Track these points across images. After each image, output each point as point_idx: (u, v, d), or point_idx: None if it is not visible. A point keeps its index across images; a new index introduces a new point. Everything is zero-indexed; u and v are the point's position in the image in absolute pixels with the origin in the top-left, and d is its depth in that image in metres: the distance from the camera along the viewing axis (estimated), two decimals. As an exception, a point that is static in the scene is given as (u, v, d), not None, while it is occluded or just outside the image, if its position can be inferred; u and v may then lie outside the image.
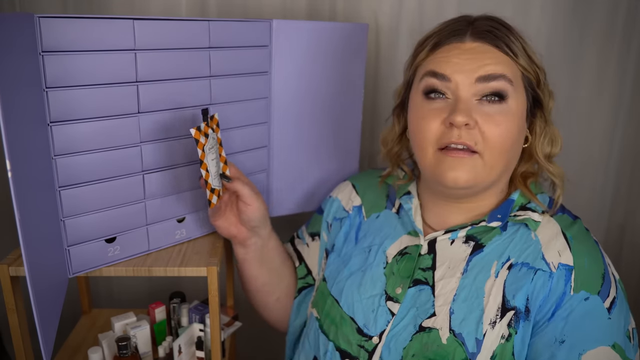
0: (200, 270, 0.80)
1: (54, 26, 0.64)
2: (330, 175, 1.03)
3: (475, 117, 0.65)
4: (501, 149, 0.66)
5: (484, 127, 0.65)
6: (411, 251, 0.74)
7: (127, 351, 0.91)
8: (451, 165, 0.66)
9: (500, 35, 0.67)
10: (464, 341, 0.65)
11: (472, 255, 0.70)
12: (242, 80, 0.86)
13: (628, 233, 1.30)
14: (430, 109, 0.68)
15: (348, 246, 0.83)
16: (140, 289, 1.34)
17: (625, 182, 1.26)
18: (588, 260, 0.66)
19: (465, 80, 0.66)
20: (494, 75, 0.65)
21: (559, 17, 1.14)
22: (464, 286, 0.68)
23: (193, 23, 0.77)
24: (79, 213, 0.73)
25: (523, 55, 0.68)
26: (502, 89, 0.66)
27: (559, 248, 0.67)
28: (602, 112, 1.21)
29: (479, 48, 0.67)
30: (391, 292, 0.73)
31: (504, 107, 0.66)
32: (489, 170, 0.67)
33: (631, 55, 1.17)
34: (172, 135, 0.80)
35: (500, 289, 0.67)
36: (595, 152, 1.24)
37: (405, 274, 0.73)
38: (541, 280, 0.65)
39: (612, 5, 1.13)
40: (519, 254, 0.68)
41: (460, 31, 0.68)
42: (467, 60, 0.66)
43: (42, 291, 0.63)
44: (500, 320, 0.65)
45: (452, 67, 0.66)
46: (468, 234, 0.72)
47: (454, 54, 0.67)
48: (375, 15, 1.16)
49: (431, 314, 0.69)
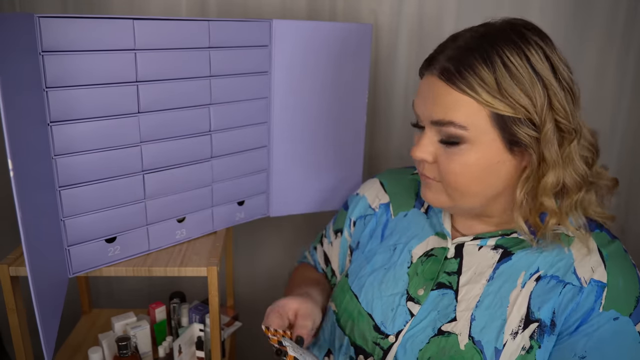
0: (200, 270, 0.80)
1: (54, 26, 0.64)
2: (331, 175, 1.03)
3: (437, 152, 0.66)
4: (456, 185, 0.66)
5: (440, 165, 0.66)
6: (437, 253, 0.73)
7: (127, 351, 0.91)
8: (423, 188, 0.71)
9: (464, 71, 0.60)
10: (482, 349, 0.64)
11: (499, 263, 0.68)
12: (242, 80, 0.86)
13: (628, 233, 1.30)
14: (416, 136, 0.71)
15: (373, 243, 0.82)
16: (140, 289, 1.34)
17: (625, 182, 1.26)
18: (623, 280, 0.63)
19: (425, 118, 0.66)
20: (441, 122, 0.63)
21: (559, 18, 1.14)
22: (488, 293, 0.67)
23: (193, 23, 0.77)
24: (79, 213, 0.73)
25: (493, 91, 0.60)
26: (453, 134, 0.62)
27: (592, 264, 0.64)
28: (602, 112, 1.21)
29: (437, 86, 0.63)
30: (413, 293, 0.72)
31: (463, 147, 0.63)
32: (454, 199, 0.67)
33: (631, 55, 1.17)
34: (172, 135, 0.80)
35: (526, 300, 0.65)
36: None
37: (429, 276, 0.72)
38: (570, 294, 0.63)
39: (612, 5, 1.13)
40: (549, 266, 0.66)
41: (435, 60, 0.65)
42: (428, 100, 0.65)
43: (43, 291, 0.64)
44: (523, 332, 0.63)
45: (417, 103, 0.68)
46: (497, 243, 0.70)
47: (423, 88, 0.67)
48: (375, 15, 1.16)
49: (452, 318, 0.67)
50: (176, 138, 0.80)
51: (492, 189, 0.66)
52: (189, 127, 0.81)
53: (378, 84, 1.22)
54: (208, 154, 0.85)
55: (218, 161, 0.87)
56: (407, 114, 1.22)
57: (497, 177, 0.65)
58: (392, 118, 1.24)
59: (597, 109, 1.21)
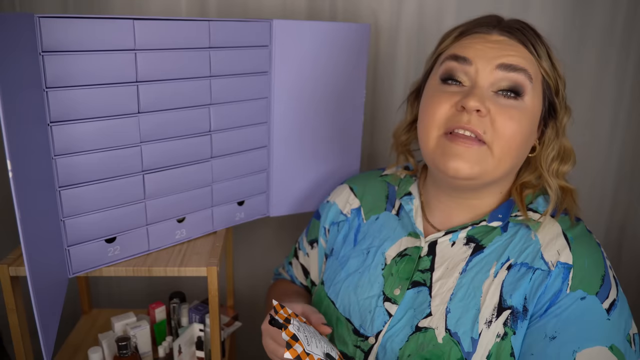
0: (200, 270, 0.80)
1: (54, 26, 0.64)
2: (331, 175, 1.03)
3: (489, 105, 0.63)
4: (511, 144, 0.64)
5: (496, 118, 0.63)
6: (411, 253, 0.74)
7: (127, 351, 0.91)
8: (456, 153, 0.64)
9: (528, 35, 0.67)
10: (459, 340, 0.65)
11: (472, 256, 0.70)
12: (242, 80, 0.86)
13: (628, 233, 1.30)
14: (444, 92, 0.67)
15: (346, 248, 0.82)
16: (140, 289, 1.34)
17: (626, 183, 1.27)
18: (588, 261, 0.65)
19: (486, 65, 0.64)
20: (515, 67, 0.64)
21: (559, 18, 1.14)
22: (461, 285, 0.68)
23: (193, 23, 0.77)
24: (79, 213, 0.73)
25: (547, 59, 0.67)
26: (521, 83, 0.64)
27: (558, 247, 0.66)
28: (602, 112, 1.21)
29: (505, 41, 0.66)
30: (389, 293, 0.72)
31: (520, 103, 0.65)
32: (497, 164, 0.65)
33: (631, 56, 1.17)
34: (172, 135, 0.80)
35: (498, 288, 0.66)
36: (595, 152, 1.24)
37: (405, 276, 0.72)
38: (539, 279, 0.65)
39: (612, 5, 1.13)
40: (518, 254, 0.68)
41: (488, 24, 0.68)
42: (490, 49, 0.65)
43: (43, 291, 0.64)
44: (496, 320, 0.65)
45: (474, 51, 0.66)
46: (469, 235, 0.72)
47: (478, 41, 0.67)
48: (375, 15, 1.16)
49: (427, 313, 0.68)
50: (176, 138, 0.80)
51: (523, 157, 0.70)
52: (189, 127, 0.81)
53: (378, 83, 1.22)
54: (208, 154, 0.85)
55: (218, 161, 0.87)
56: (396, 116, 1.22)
57: (527, 148, 0.69)
58: (392, 117, 1.24)
59: (597, 109, 1.21)
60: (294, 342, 0.60)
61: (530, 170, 0.73)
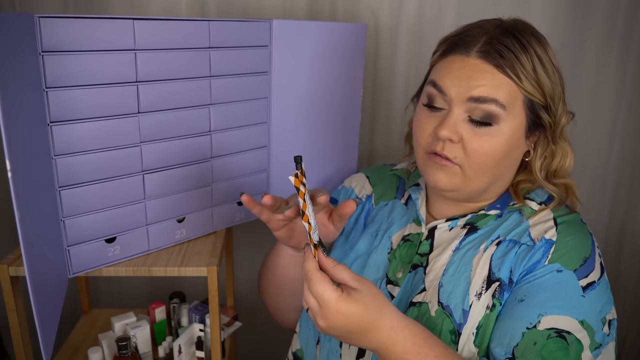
0: (200, 270, 0.80)
1: (54, 26, 0.64)
2: (330, 174, 1.03)
3: (462, 132, 0.67)
4: (481, 166, 0.69)
5: (467, 145, 0.68)
6: (413, 238, 0.78)
7: (127, 351, 0.91)
8: (436, 169, 0.71)
9: (507, 56, 0.66)
10: (451, 312, 0.68)
11: (466, 236, 0.74)
12: (242, 80, 0.86)
13: (628, 233, 1.30)
14: (427, 116, 0.72)
15: (356, 231, 0.87)
16: (140, 289, 1.34)
17: (626, 183, 1.26)
18: (573, 241, 0.68)
19: (459, 96, 0.67)
20: (484, 98, 0.66)
21: (559, 18, 1.14)
22: (453, 261, 0.72)
23: (193, 23, 0.77)
24: (79, 213, 0.73)
25: (530, 78, 0.67)
26: (492, 113, 0.66)
27: (545, 228, 0.70)
28: (602, 112, 1.21)
29: (480, 66, 0.67)
30: (392, 276, 0.76)
31: (495, 129, 0.67)
32: (469, 181, 0.70)
33: (631, 55, 1.17)
34: (172, 135, 0.80)
35: (487, 262, 0.69)
36: (595, 152, 1.24)
37: (407, 259, 0.76)
38: (524, 252, 0.68)
39: (612, 5, 1.13)
40: (507, 232, 0.71)
41: (470, 43, 0.68)
42: (463, 78, 0.67)
43: (42, 291, 0.64)
44: (486, 292, 0.68)
45: (450, 81, 0.68)
46: (467, 222, 0.75)
47: (455, 67, 0.68)
48: (375, 15, 1.16)
49: (421, 289, 0.72)
50: (176, 138, 0.80)
51: (506, 171, 0.72)
52: (189, 127, 0.81)
53: (378, 83, 1.22)
54: (208, 154, 0.85)
55: (218, 161, 0.87)
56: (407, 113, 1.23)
57: (512, 160, 0.71)
58: (392, 117, 1.24)
59: (597, 109, 1.21)
60: (299, 183, 0.65)
61: (526, 173, 0.76)
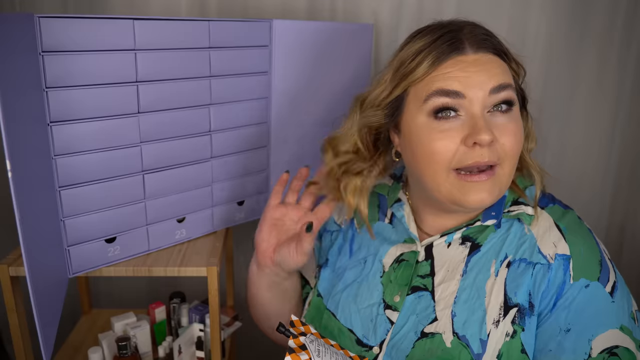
0: (200, 270, 0.80)
1: (54, 26, 0.64)
2: (330, 175, 1.03)
3: (493, 130, 0.63)
4: (516, 155, 0.66)
5: (503, 140, 0.64)
6: (408, 258, 0.73)
7: (127, 351, 0.91)
8: (476, 189, 0.64)
9: (494, 41, 0.66)
10: (468, 343, 0.65)
11: (470, 256, 0.70)
12: (242, 80, 0.86)
13: (628, 233, 1.30)
14: (442, 130, 0.64)
15: (342, 260, 0.81)
16: (140, 289, 1.34)
17: (625, 182, 1.26)
18: (584, 249, 0.66)
19: (479, 93, 0.63)
20: (504, 85, 0.64)
21: (559, 17, 1.14)
22: (464, 288, 0.68)
23: (193, 23, 0.77)
24: (79, 213, 0.73)
25: (511, 58, 0.68)
26: (510, 97, 0.65)
27: (553, 240, 0.67)
28: (602, 112, 1.21)
29: (483, 58, 0.64)
30: (389, 300, 0.71)
31: (512, 114, 0.65)
32: (508, 179, 0.66)
33: (631, 55, 1.17)
34: (172, 135, 0.80)
35: (502, 287, 0.66)
36: (595, 152, 1.24)
37: (404, 282, 0.72)
38: (540, 273, 0.65)
39: (612, 5, 1.13)
40: (515, 250, 0.68)
41: (457, 43, 0.65)
42: (476, 73, 0.63)
43: (42, 291, 0.64)
44: (504, 319, 0.65)
45: (462, 82, 0.63)
46: (464, 235, 0.72)
47: (460, 67, 0.63)
48: (375, 15, 1.16)
49: (433, 319, 0.68)
50: (176, 138, 0.80)
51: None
52: (189, 127, 0.81)
53: (378, 84, 1.21)
54: (208, 154, 0.85)
55: (218, 161, 0.87)
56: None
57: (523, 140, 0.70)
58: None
59: (597, 108, 1.21)
60: (299, 350, 0.57)
61: None
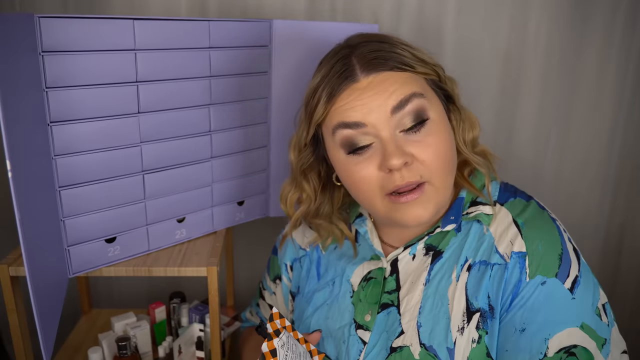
0: (200, 270, 0.80)
1: (54, 26, 0.64)
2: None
3: (409, 150, 0.62)
4: (443, 166, 0.64)
5: (422, 157, 0.62)
6: (376, 275, 0.72)
7: (127, 351, 0.91)
8: (408, 207, 0.63)
9: (387, 55, 0.63)
10: (436, 353, 0.64)
11: (432, 264, 0.68)
12: (242, 80, 0.86)
13: (628, 234, 1.30)
14: (358, 163, 0.64)
15: (311, 284, 0.80)
16: (140, 289, 1.34)
17: (625, 182, 1.26)
18: (542, 243, 0.63)
19: (381, 117, 0.61)
20: (405, 99, 0.62)
21: (559, 18, 1.14)
22: (427, 296, 0.67)
23: (193, 23, 0.77)
24: (79, 213, 0.73)
25: (417, 61, 0.64)
26: (419, 108, 0.62)
27: (510, 237, 0.65)
28: (602, 112, 1.21)
29: (376, 79, 0.62)
30: (360, 320, 0.70)
31: (427, 127, 0.63)
32: (443, 191, 0.65)
33: (631, 55, 1.17)
34: (172, 135, 0.80)
35: (463, 292, 0.65)
36: (595, 152, 1.24)
37: (373, 300, 0.70)
38: (498, 274, 0.63)
39: (612, 5, 1.13)
40: (474, 252, 0.66)
41: (347, 71, 0.63)
42: (371, 98, 0.62)
43: (42, 291, 0.64)
44: (468, 325, 0.63)
45: (359, 110, 0.62)
46: (427, 244, 0.70)
47: (354, 97, 0.62)
48: (375, 15, 1.16)
49: (399, 332, 0.66)
50: (176, 138, 0.80)
51: (455, 167, 0.67)
52: (189, 127, 0.81)
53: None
54: (208, 154, 0.85)
55: (218, 161, 0.87)
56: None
57: (454, 150, 0.67)
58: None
59: (597, 108, 1.21)
60: (270, 357, 0.58)
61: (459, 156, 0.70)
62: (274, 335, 0.60)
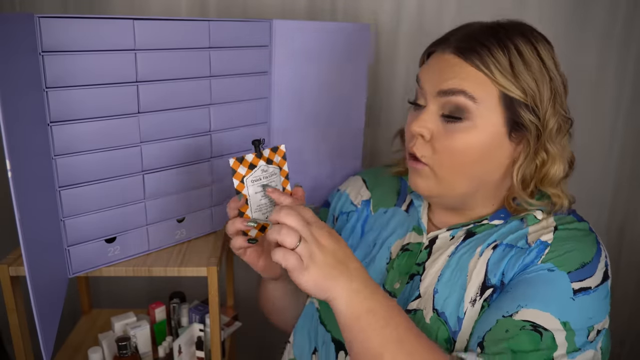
0: (200, 270, 0.80)
1: (54, 26, 0.64)
2: (331, 175, 1.03)
3: (433, 128, 0.66)
4: (453, 165, 0.65)
5: (436, 142, 0.66)
6: (413, 248, 0.75)
7: (127, 351, 0.91)
8: (411, 174, 0.71)
9: (480, 50, 0.64)
10: (446, 320, 0.66)
11: (463, 241, 0.71)
12: (242, 80, 0.86)
13: (628, 233, 1.30)
14: (411, 114, 0.72)
15: (354, 239, 0.83)
16: (140, 289, 1.34)
17: (625, 183, 1.26)
18: (571, 245, 0.64)
19: (431, 90, 0.67)
20: (452, 91, 0.64)
21: (559, 17, 1.14)
22: (448, 265, 0.69)
23: (193, 23, 0.77)
24: (79, 213, 0.73)
25: (506, 72, 0.63)
26: (461, 106, 0.64)
27: (544, 232, 0.67)
28: (602, 112, 1.21)
29: (452, 61, 0.66)
30: (389, 287, 0.74)
31: (466, 124, 0.64)
32: (445, 185, 0.67)
33: (631, 55, 1.17)
34: (172, 135, 0.80)
35: (483, 267, 0.67)
36: (595, 152, 1.24)
37: (405, 270, 0.73)
38: (517, 255, 0.65)
39: (612, 5, 1.13)
40: (504, 237, 0.69)
41: (449, 41, 0.68)
42: (436, 72, 0.67)
43: (42, 291, 0.63)
44: (480, 299, 0.65)
45: (425, 75, 0.69)
46: (469, 231, 0.73)
47: (432, 62, 0.69)
48: (375, 15, 1.16)
49: (416, 296, 0.70)
50: (176, 138, 0.80)
51: (489, 174, 0.68)
52: (189, 127, 0.81)
53: (378, 84, 1.22)
54: (208, 154, 0.85)
55: (218, 161, 0.87)
56: (406, 113, 1.23)
57: (495, 162, 0.67)
58: (392, 118, 1.24)
59: (597, 108, 1.21)
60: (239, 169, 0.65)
61: None
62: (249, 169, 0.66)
